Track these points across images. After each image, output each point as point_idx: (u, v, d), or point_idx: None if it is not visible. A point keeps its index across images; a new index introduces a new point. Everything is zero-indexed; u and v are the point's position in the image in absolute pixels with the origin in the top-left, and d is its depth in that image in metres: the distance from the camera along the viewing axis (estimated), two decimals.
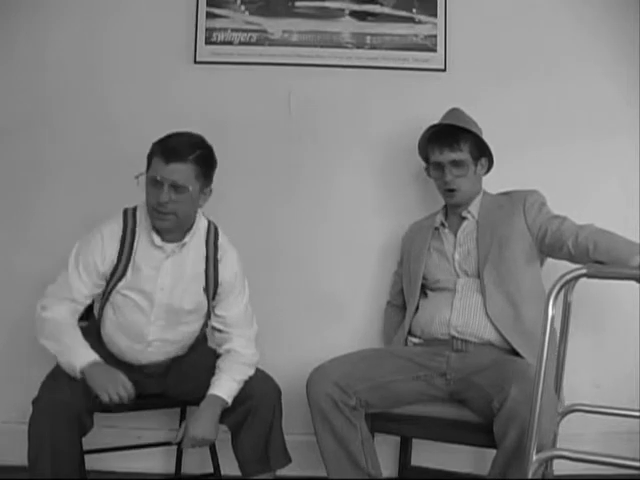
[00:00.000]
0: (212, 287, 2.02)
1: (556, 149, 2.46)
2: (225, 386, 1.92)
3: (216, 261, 2.02)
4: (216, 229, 2.07)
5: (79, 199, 2.37)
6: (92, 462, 2.11)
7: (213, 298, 2.03)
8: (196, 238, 2.01)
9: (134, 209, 2.02)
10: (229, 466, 2.17)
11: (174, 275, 1.97)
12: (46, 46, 2.51)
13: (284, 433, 2.01)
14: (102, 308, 2.01)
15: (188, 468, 2.38)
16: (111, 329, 2.00)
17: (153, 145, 1.93)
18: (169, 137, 1.93)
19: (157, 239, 1.95)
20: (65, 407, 1.77)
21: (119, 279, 1.94)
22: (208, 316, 2.06)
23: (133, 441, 2.34)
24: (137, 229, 1.97)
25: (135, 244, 1.95)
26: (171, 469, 2.39)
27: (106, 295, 1.97)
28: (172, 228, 1.94)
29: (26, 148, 2.50)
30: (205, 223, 2.05)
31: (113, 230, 1.96)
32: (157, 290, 1.95)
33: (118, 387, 1.78)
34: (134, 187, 2.14)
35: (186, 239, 1.98)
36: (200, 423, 1.87)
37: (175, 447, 2.36)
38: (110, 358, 1.97)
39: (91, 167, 2.46)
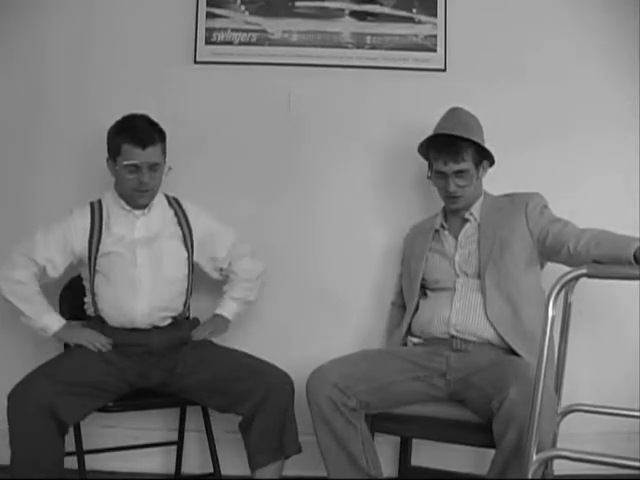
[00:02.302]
0: (188, 234, 2.17)
1: (557, 148, 2.46)
2: (225, 305, 2.23)
3: (184, 211, 2.20)
4: (174, 197, 2.24)
5: (79, 199, 2.35)
6: (92, 462, 2.12)
7: (192, 247, 2.16)
8: (160, 204, 2.18)
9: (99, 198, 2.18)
10: (229, 466, 2.18)
11: (148, 228, 2.13)
12: (46, 46, 2.51)
13: None
14: (92, 289, 2.09)
15: (188, 468, 2.39)
16: (107, 294, 2.08)
17: (117, 135, 2.06)
18: (130, 124, 2.06)
19: (126, 205, 2.12)
20: (35, 399, 1.81)
21: (97, 244, 2.08)
22: (192, 269, 2.19)
23: (133, 441, 2.34)
24: (103, 204, 2.14)
25: (105, 213, 2.11)
26: (171, 469, 2.39)
27: (93, 269, 2.08)
28: (149, 201, 2.13)
29: (26, 147, 2.50)
30: (162, 194, 2.21)
31: (82, 209, 2.14)
32: (135, 240, 2.10)
33: (96, 338, 2.03)
34: None
35: (151, 202, 2.14)
36: (208, 324, 2.20)
37: (175, 447, 2.37)
38: (115, 347, 2.04)
39: (91, 167, 2.45)
